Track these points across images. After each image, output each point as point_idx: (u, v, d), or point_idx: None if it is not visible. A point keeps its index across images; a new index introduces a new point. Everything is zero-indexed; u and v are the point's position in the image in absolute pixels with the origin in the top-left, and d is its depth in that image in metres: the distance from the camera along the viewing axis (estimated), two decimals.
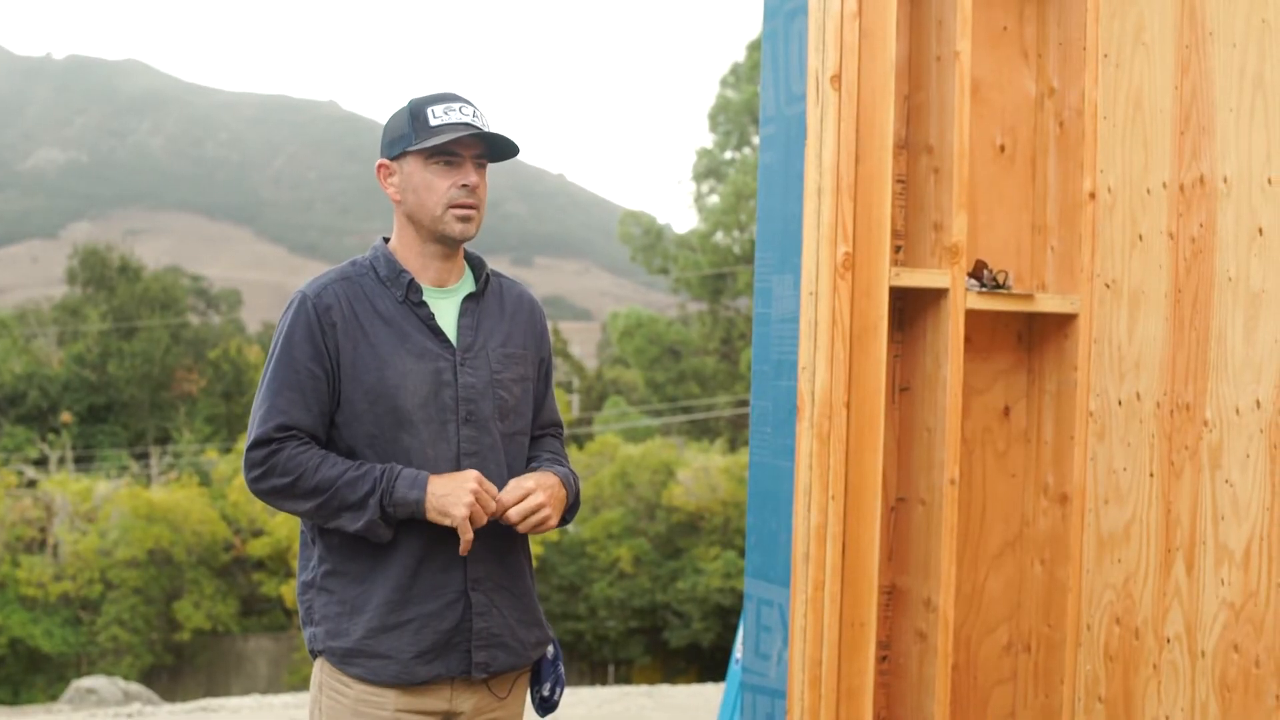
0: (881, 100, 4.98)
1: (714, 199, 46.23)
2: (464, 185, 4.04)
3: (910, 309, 5.26)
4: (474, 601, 4.02)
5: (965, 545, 5.44)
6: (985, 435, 5.48)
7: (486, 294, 4.23)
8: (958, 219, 5.04)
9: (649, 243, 46.65)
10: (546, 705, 4.30)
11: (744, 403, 40.28)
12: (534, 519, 3.99)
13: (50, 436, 48.18)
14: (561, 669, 4.30)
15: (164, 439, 50.71)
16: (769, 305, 5.37)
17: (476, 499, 3.88)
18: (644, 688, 13.35)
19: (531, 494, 3.99)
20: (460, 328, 4.12)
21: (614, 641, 37.32)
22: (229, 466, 41.72)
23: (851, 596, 5.01)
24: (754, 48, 44.00)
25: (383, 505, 3.86)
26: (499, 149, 4.14)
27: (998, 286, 5.21)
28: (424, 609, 3.98)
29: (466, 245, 4.20)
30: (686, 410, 45.97)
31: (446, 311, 4.13)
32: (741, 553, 31.06)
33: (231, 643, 38.52)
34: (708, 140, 56.31)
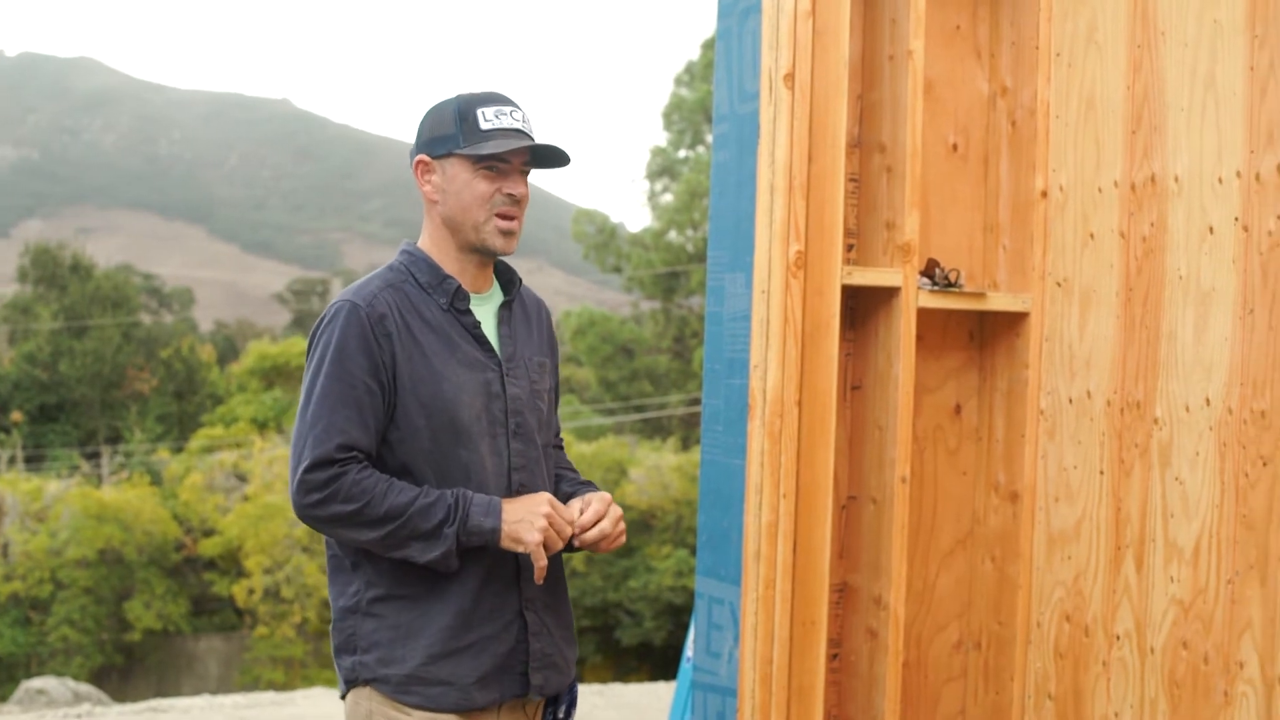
0: (834, 99, 4.98)
1: (667, 197, 46.15)
2: (510, 194, 3.85)
3: (862, 307, 5.27)
4: (529, 622, 3.88)
5: (916, 543, 5.45)
6: (936, 433, 5.49)
7: (515, 302, 4.09)
8: (910, 218, 5.04)
9: (602, 241, 46.55)
10: None
11: (696, 401, 40.29)
12: (619, 529, 3.89)
13: (0, 435, 47.94)
14: (577, 688, 4.12)
15: (115, 438, 50.52)
16: (721, 304, 5.37)
17: (550, 524, 3.72)
18: (596, 686, 13.33)
19: (610, 508, 3.88)
20: (500, 337, 3.97)
21: None
22: (180, 466, 41.56)
23: (803, 595, 5.01)
24: (708, 46, 43.98)
25: (459, 535, 3.67)
26: (547, 157, 3.96)
27: (950, 285, 5.22)
28: (484, 632, 3.81)
29: None
30: (639, 409, 45.94)
31: (484, 319, 3.97)
32: (693, 551, 31.08)
33: (182, 643, 38.36)
34: (662, 138, 56.25)
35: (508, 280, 4.10)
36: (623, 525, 3.90)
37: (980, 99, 5.54)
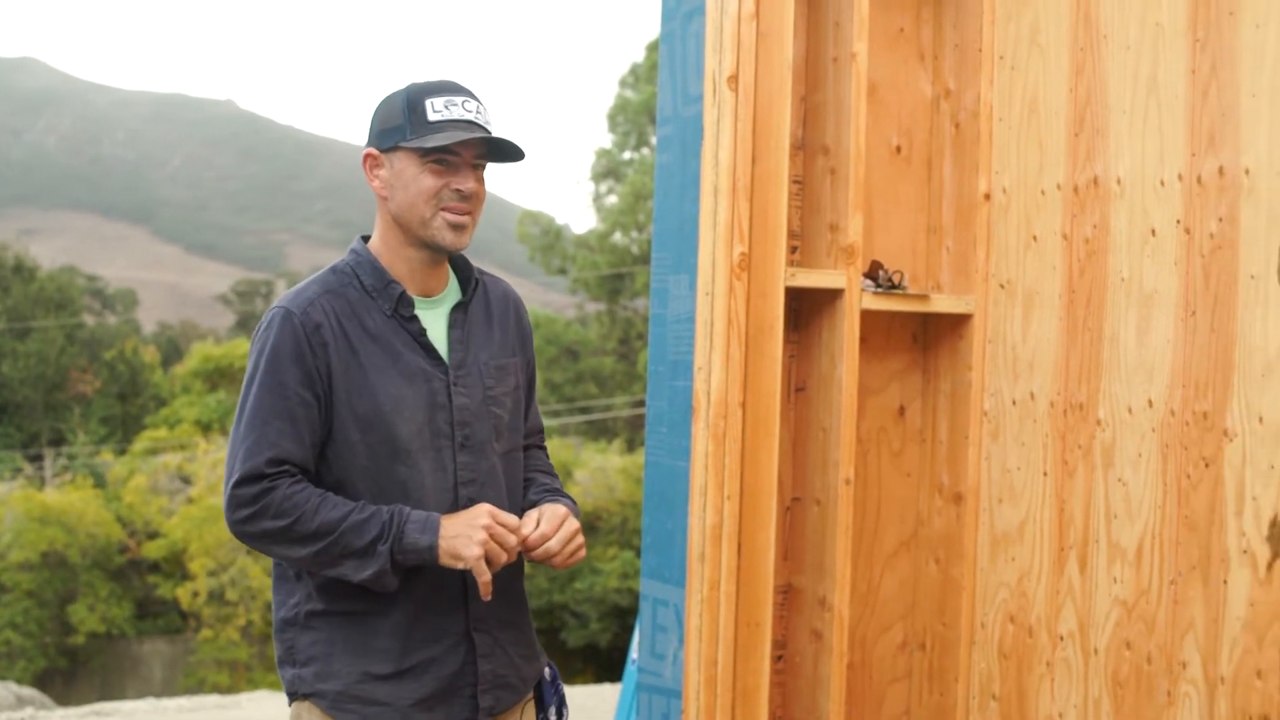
0: (778, 101, 4.97)
1: (612, 199, 46.20)
2: (458, 190, 3.62)
3: (806, 309, 5.26)
4: (478, 643, 3.70)
5: (860, 544, 5.45)
6: (880, 435, 5.50)
7: (473, 300, 3.87)
8: (854, 220, 5.04)
9: (547, 243, 46.55)
10: None
11: (641, 403, 40.26)
12: (572, 546, 3.66)
13: None
14: (562, 687, 3.98)
15: (58, 440, 50.31)
16: (665, 305, 5.36)
17: (491, 536, 3.50)
18: None
19: (565, 523, 3.66)
20: (450, 342, 3.75)
21: None
22: (124, 468, 41.38)
23: (747, 596, 5.00)
24: (653, 48, 43.99)
25: (393, 553, 3.47)
26: (502, 151, 3.72)
27: (893, 287, 5.22)
28: (426, 654, 3.64)
29: None
30: (584, 410, 45.94)
31: (434, 324, 3.75)
32: (639, 553, 31.08)
33: (126, 645, 38.17)
34: (606, 141, 56.34)
35: (465, 278, 3.89)
36: (579, 540, 3.70)
37: (924, 101, 5.54)
